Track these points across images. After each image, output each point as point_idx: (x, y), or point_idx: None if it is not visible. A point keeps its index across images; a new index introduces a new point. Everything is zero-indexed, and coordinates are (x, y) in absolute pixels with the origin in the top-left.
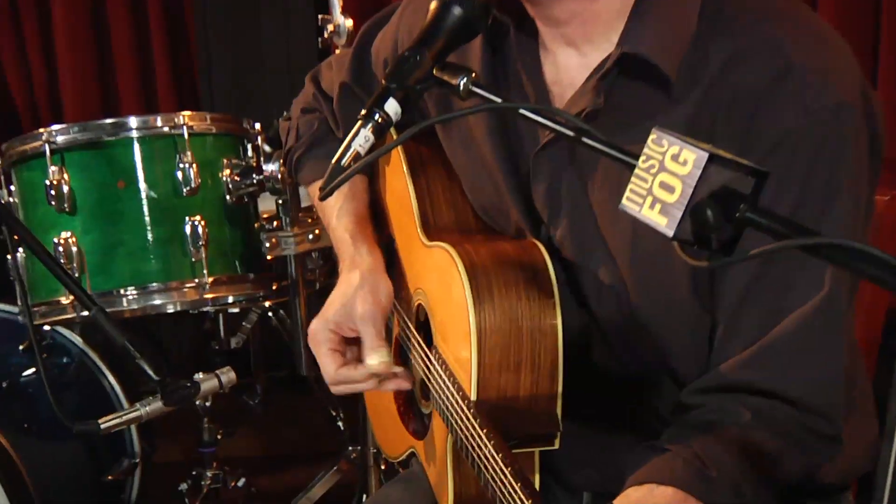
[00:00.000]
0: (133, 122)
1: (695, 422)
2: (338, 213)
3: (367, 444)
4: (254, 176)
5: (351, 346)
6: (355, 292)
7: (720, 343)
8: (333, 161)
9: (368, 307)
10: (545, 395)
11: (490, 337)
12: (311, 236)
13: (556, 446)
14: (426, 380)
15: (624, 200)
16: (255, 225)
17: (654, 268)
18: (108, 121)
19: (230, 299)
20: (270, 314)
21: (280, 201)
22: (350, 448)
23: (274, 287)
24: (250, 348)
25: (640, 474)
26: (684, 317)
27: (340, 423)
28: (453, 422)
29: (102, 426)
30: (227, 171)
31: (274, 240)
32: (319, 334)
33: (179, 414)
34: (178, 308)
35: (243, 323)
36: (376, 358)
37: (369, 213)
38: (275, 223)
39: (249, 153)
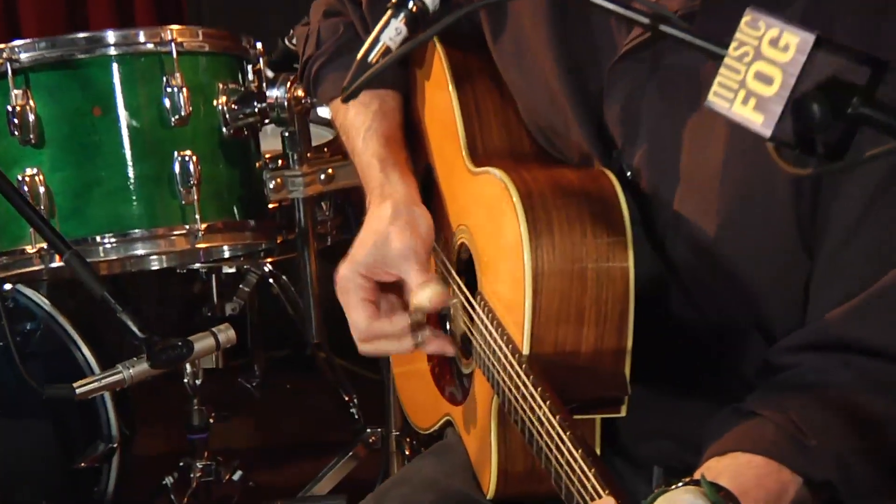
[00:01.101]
0: (111, 37)
1: (789, 383)
2: (364, 135)
3: (389, 425)
4: (255, 104)
5: (387, 294)
6: (388, 226)
7: (819, 288)
8: (359, 56)
9: (407, 241)
10: (611, 351)
11: (547, 280)
12: (322, 176)
13: (623, 413)
14: (468, 332)
15: (710, 96)
16: (257, 164)
17: (749, 198)
18: (82, 35)
19: (226, 252)
20: (272, 281)
21: (286, 134)
22: (368, 430)
23: (279, 241)
24: (248, 321)
25: (723, 442)
26: (781, 258)
27: (354, 411)
28: (500, 380)
29: (78, 391)
30: (223, 98)
31: (279, 180)
32: (349, 281)
33: (164, 395)
34: (165, 264)
35: (241, 286)
36: (429, 293)
37: (403, 137)
38: (280, 162)
39: (250, 76)
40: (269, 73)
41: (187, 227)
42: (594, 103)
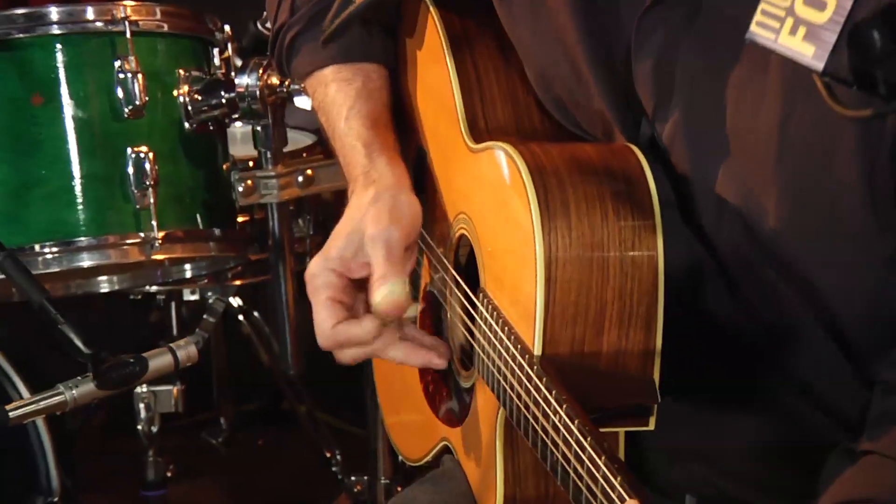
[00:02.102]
0: (54, 13)
1: None
2: (347, 115)
3: (377, 471)
4: (222, 93)
5: (364, 294)
6: (366, 211)
7: None
8: None
9: (382, 226)
10: (638, 352)
11: (562, 269)
12: (300, 178)
13: (651, 426)
14: (468, 337)
15: (753, 27)
16: (224, 165)
17: (809, 170)
18: (20, 11)
19: (188, 272)
20: (241, 318)
21: (258, 128)
22: (353, 478)
23: (249, 259)
24: (213, 365)
25: (834, 491)
26: (851, 240)
27: (336, 468)
28: (507, 387)
29: (11, 414)
30: (185, 87)
31: (249, 182)
32: (318, 277)
33: (115, 445)
34: (116, 286)
35: (205, 316)
36: (384, 291)
37: (390, 118)
38: (251, 163)
39: (216, 62)
40: (239, 62)
41: (142, 235)
42: (620, 63)
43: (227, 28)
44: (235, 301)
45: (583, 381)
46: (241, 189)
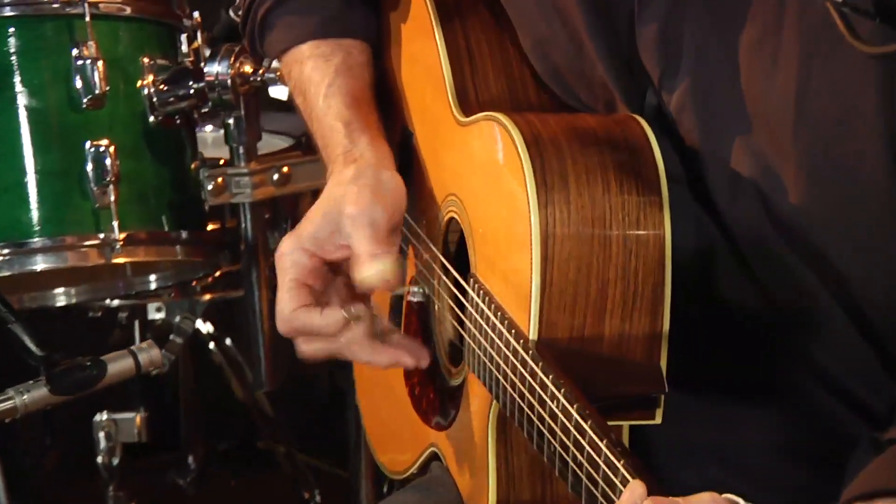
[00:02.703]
0: None
1: None
2: (326, 93)
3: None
4: (190, 83)
5: (338, 281)
6: (345, 189)
7: None
8: None
9: (364, 205)
10: (643, 336)
11: (560, 245)
12: (276, 176)
13: (657, 419)
14: (458, 328)
15: None
16: (192, 163)
17: (829, 138)
18: None
19: (153, 282)
20: (212, 346)
21: (229, 121)
22: None
23: (219, 273)
24: (181, 398)
25: (860, 482)
26: (874, 215)
27: None
28: (500, 376)
29: None
30: (150, 77)
31: (220, 180)
32: (287, 256)
33: (72, 479)
34: (74, 299)
35: (171, 336)
36: (374, 267)
37: (373, 97)
38: (221, 161)
39: (184, 49)
40: (208, 53)
41: (101, 236)
42: (622, 29)
43: (196, 15)
44: (206, 327)
45: (583, 368)
46: (210, 187)
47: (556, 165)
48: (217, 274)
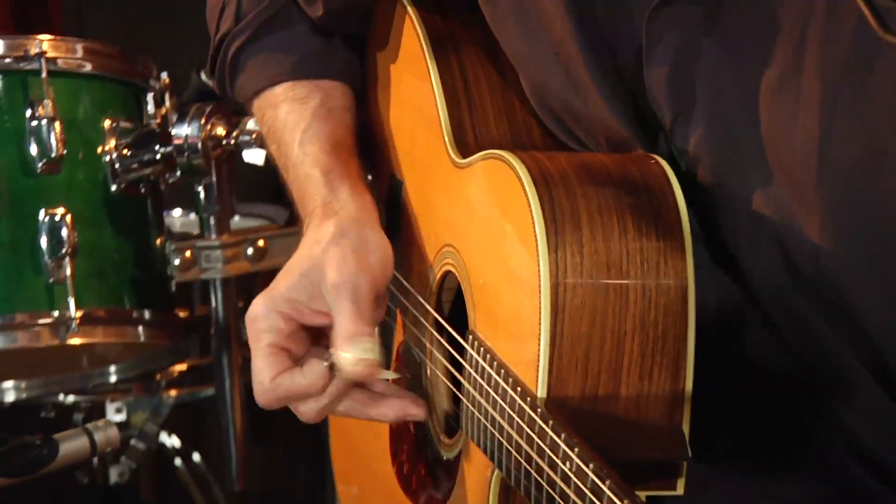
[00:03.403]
0: None
1: None
2: (302, 139)
3: None
4: (156, 148)
5: (317, 345)
6: (326, 250)
7: None
8: None
9: (348, 271)
10: (664, 396)
11: (572, 293)
12: (250, 250)
13: (679, 490)
14: (454, 391)
15: None
16: (158, 238)
17: (857, 186)
18: None
19: (112, 374)
20: (180, 462)
21: (199, 189)
22: None
23: (187, 366)
24: None
25: None
26: None
27: None
28: (503, 439)
29: None
30: (112, 140)
31: (188, 254)
32: (260, 320)
33: None
34: (24, 394)
35: (132, 442)
36: (355, 351)
37: (354, 143)
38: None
39: (150, 109)
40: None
41: (56, 313)
42: (628, 70)
43: (164, 76)
44: (171, 440)
45: (596, 430)
46: (177, 262)
47: (567, 205)
48: (184, 368)
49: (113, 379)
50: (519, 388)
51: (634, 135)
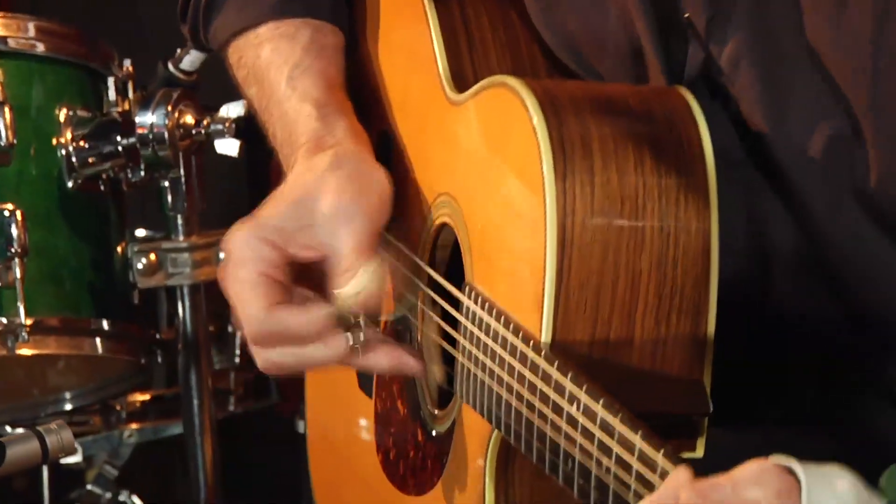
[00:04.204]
0: None
1: None
2: (291, 75)
3: None
4: (117, 139)
5: (304, 287)
6: (322, 177)
7: None
8: None
9: (348, 198)
10: (683, 342)
11: (582, 227)
12: (222, 254)
13: (699, 452)
14: (449, 349)
15: None
16: (119, 243)
17: None
18: None
19: (68, 401)
20: None
21: (166, 183)
22: None
23: (150, 396)
24: None
25: None
26: None
27: None
28: (503, 391)
29: None
30: (68, 131)
31: (152, 257)
32: (245, 248)
33: None
34: None
35: (88, 487)
36: (358, 285)
37: (345, 86)
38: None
39: (111, 96)
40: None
41: (3, 320)
42: None
43: (127, 64)
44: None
45: (607, 382)
46: (140, 266)
47: (577, 131)
48: (147, 398)
49: (68, 407)
50: (521, 333)
51: (662, 45)
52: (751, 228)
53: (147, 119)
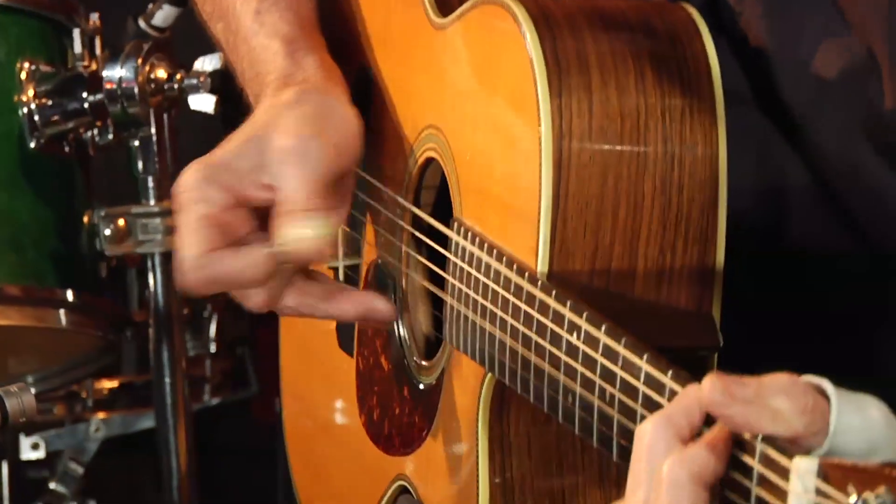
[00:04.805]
0: None
1: None
2: (258, 9)
3: None
4: (83, 96)
5: (264, 230)
6: (279, 113)
7: None
8: None
9: (301, 136)
10: (690, 275)
11: (579, 147)
12: None
13: None
14: (437, 290)
15: None
16: (86, 211)
17: None
18: None
19: (30, 381)
20: None
21: (136, 143)
22: None
23: (118, 383)
24: None
25: None
26: None
27: None
28: (496, 329)
29: None
30: (30, 88)
31: (121, 222)
32: (192, 190)
33: None
34: None
35: (52, 485)
36: (298, 229)
37: (318, 24)
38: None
39: (76, 49)
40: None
41: None
42: None
43: (94, 18)
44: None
45: (609, 314)
46: (108, 233)
47: (573, 46)
48: (116, 385)
49: (31, 391)
50: (515, 266)
51: None
52: (762, 169)
53: (116, 73)
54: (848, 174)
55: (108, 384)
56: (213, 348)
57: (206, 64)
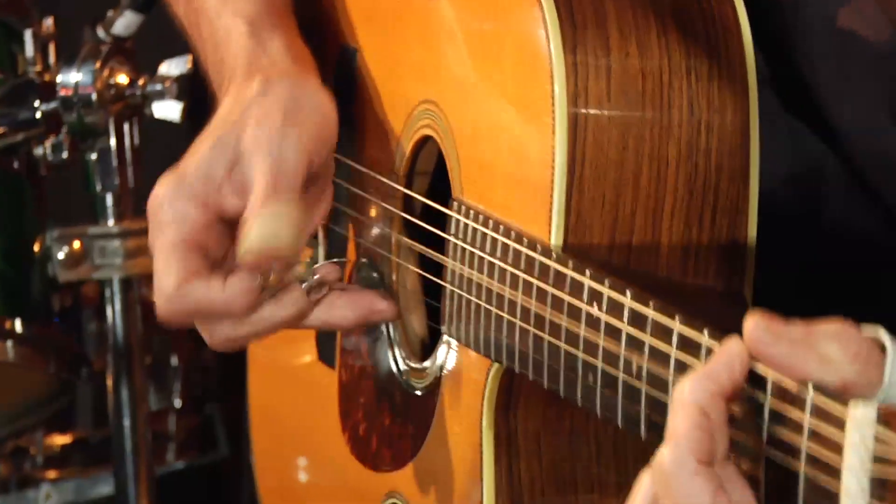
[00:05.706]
0: None
1: None
2: None
3: None
4: (35, 104)
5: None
6: (247, 108)
7: None
8: None
9: (270, 127)
10: (719, 250)
11: (598, 108)
12: None
13: None
14: (434, 278)
15: None
16: (38, 238)
17: None
18: None
19: None
20: None
21: (93, 156)
22: None
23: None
24: None
25: None
26: None
27: None
28: (503, 312)
29: None
30: None
31: (76, 245)
32: (165, 209)
33: None
34: None
35: None
36: (260, 225)
37: (292, 5)
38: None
39: (29, 53)
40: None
41: None
42: None
43: (48, 23)
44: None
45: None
46: (62, 256)
47: (590, 3)
48: (69, 440)
49: None
50: (525, 240)
51: None
52: (795, 152)
53: (71, 77)
54: (874, 155)
55: (61, 440)
56: (177, 403)
57: (173, 68)
